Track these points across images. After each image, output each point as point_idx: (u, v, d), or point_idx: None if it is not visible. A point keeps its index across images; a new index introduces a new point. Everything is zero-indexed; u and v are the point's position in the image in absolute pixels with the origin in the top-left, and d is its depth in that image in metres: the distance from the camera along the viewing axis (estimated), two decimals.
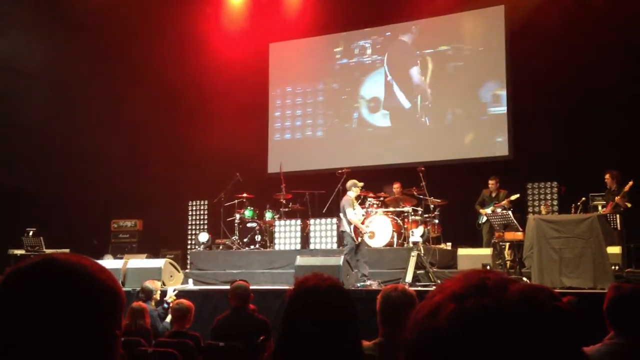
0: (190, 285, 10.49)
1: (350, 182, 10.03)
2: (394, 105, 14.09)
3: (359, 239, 9.69)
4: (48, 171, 13.48)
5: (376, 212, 11.25)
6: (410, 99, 13.94)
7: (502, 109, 12.85)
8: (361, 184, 10.08)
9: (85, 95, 14.04)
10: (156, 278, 9.03)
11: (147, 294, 7.57)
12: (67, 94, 13.79)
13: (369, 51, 14.53)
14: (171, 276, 10.33)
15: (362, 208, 11.49)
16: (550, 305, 0.84)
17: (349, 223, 9.68)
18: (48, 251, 11.75)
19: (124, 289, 9.19)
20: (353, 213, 9.71)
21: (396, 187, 11.90)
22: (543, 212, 10.57)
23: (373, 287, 8.92)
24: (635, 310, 3.03)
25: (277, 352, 2.12)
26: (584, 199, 10.00)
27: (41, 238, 12.22)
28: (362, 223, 9.87)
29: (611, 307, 3.07)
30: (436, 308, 0.84)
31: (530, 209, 11.55)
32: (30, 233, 12.36)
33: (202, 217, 14.69)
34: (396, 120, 14.06)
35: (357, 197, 10.25)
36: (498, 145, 12.83)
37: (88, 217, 13.95)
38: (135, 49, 14.28)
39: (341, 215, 9.96)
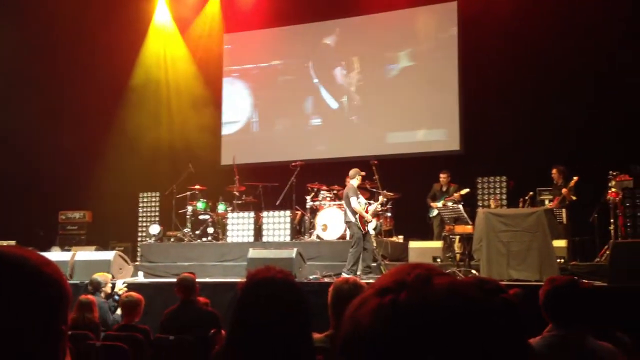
0: (141, 278, 10.36)
1: (353, 171, 9.84)
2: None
3: (366, 229, 9.52)
4: None
5: (329, 205, 11.30)
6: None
7: (454, 104, 13.02)
8: (363, 173, 9.95)
9: (32, 85, 13.66)
10: (105, 271, 8.88)
11: (96, 286, 7.44)
12: (14, 84, 13.39)
13: None
14: (121, 269, 10.17)
15: (315, 200, 11.54)
16: (478, 297, 0.84)
17: (354, 213, 9.50)
18: None
19: (71, 281, 9.00)
20: (357, 202, 9.56)
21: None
22: (492, 206, 10.78)
23: (325, 280, 8.97)
24: (572, 302, 3.11)
25: (229, 345, 2.10)
26: (531, 193, 10.25)
27: None
28: (366, 212, 9.66)
29: (547, 301, 3.15)
30: (362, 303, 0.85)
31: (480, 203, 11.75)
32: None
33: (153, 209, 14.47)
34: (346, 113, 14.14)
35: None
36: (450, 140, 13.02)
37: (35, 208, 13.62)
38: (85, 38, 13.95)
39: (344, 205, 9.83)
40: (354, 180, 9.76)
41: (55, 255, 10.91)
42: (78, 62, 14.02)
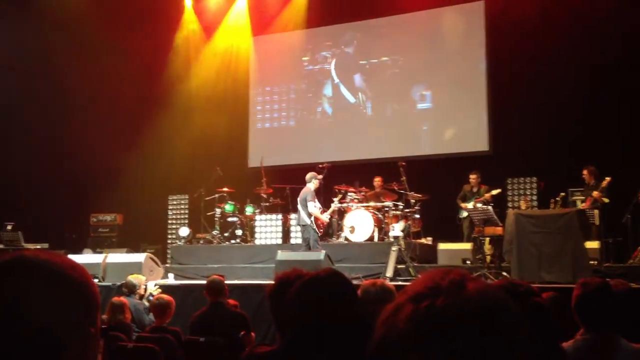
0: (171, 280, 10.44)
1: (310, 174, 10.08)
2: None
3: (322, 231, 9.81)
4: (28, 165, 13.34)
5: (357, 207, 11.27)
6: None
7: (482, 104, 12.91)
8: (320, 176, 10.13)
9: (63, 88, 13.87)
10: (136, 272, 8.96)
11: (130, 288, 7.49)
12: (44, 88, 13.61)
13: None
14: (151, 271, 10.26)
15: (343, 202, 11.52)
16: (511, 304, 0.85)
17: (309, 215, 9.71)
18: (27, 245, 11.63)
19: (103, 283, 9.07)
20: (314, 205, 9.74)
21: (377, 181, 11.92)
22: (522, 207, 10.66)
23: (354, 282, 8.92)
24: (601, 306, 3.08)
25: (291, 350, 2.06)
26: (563, 194, 10.09)
27: (19, 232, 12.08)
28: (322, 214, 9.91)
29: (578, 304, 3.12)
30: (397, 309, 0.86)
31: (510, 204, 11.62)
32: (9, 227, 12.21)
33: (182, 212, 14.61)
34: (376, 113, 14.10)
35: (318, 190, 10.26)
36: (478, 140, 12.90)
37: (67, 211, 13.83)
38: (115, 39, 14.12)
39: (299, 207, 9.94)
40: (311, 183, 10.01)
41: (87, 257, 11.05)
42: (108, 64, 14.20)
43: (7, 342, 1.02)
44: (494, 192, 10.80)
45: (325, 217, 9.93)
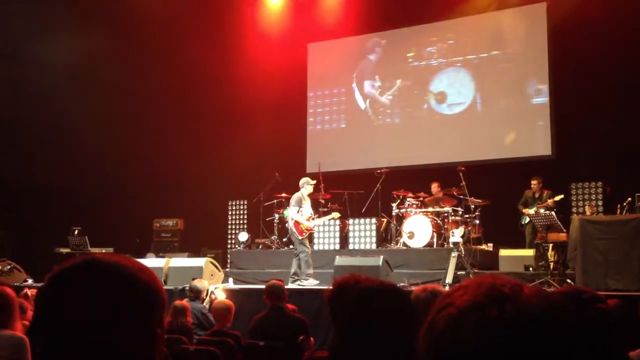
0: (231, 284, 10.59)
1: (303, 180, 10.17)
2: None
3: (304, 235, 9.95)
4: (93, 171, 13.75)
5: (415, 213, 11.18)
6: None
7: (545, 108, 12.62)
8: (313, 181, 10.16)
9: (126, 97, 14.23)
10: (197, 276, 9.13)
11: (196, 294, 7.63)
12: (110, 96, 13.99)
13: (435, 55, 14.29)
14: (212, 275, 10.42)
15: (401, 208, 11.45)
16: (565, 304, 0.83)
17: (292, 219, 9.93)
18: (92, 250, 12.01)
19: (166, 287, 9.27)
20: (296, 211, 9.92)
21: (435, 187, 11.80)
22: (588, 212, 10.35)
23: (412, 288, 8.86)
24: None
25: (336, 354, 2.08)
26: (629, 199, 9.74)
27: (86, 237, 12.47)
28: (308, 220, 10.01)
29: None
30: (456, 320, 0.82)
31: (574, 210, 11.32)
32: (76, 232, 12.62)
33: (241, 217, 14.80)
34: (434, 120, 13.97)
35: (307, 195, 10.23)
36: (541, 144, 12.62)
37: (131, 216, 14.16)
38: (175, 49, 14.43)
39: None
40: (304, 189, 10.09)
41: (150, 261, 11.31)
42: (168, 73, 14.51)
43: (81, 342, 1.06)
44: (557, 197, 10.52)
45: (310, 224, 10.03)
